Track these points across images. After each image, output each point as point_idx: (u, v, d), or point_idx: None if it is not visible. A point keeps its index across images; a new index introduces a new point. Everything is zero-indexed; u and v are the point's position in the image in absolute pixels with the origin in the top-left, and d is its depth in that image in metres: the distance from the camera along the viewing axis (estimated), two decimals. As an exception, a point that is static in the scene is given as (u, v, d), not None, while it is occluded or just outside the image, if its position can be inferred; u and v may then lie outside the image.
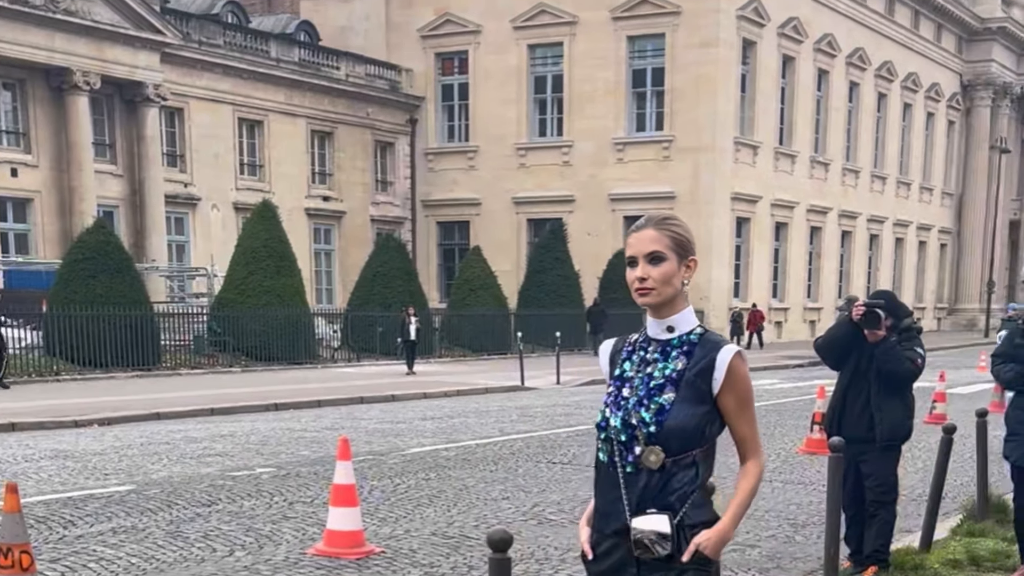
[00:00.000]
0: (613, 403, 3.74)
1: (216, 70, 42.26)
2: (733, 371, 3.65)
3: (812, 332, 54.11)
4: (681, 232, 3.72)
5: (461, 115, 51.84)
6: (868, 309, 8.15)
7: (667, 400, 3.64)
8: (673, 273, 3.68)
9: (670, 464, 3.63)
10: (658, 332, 3.76)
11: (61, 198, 37.17)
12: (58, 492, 11.90)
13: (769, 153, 50.59)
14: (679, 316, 3.74)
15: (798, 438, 16.70)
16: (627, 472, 3.67)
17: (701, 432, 3.65)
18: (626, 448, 3.67)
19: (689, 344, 3.71)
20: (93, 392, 23.97)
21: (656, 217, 3.77)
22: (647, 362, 3.75)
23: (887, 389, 8.28)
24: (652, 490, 3.64)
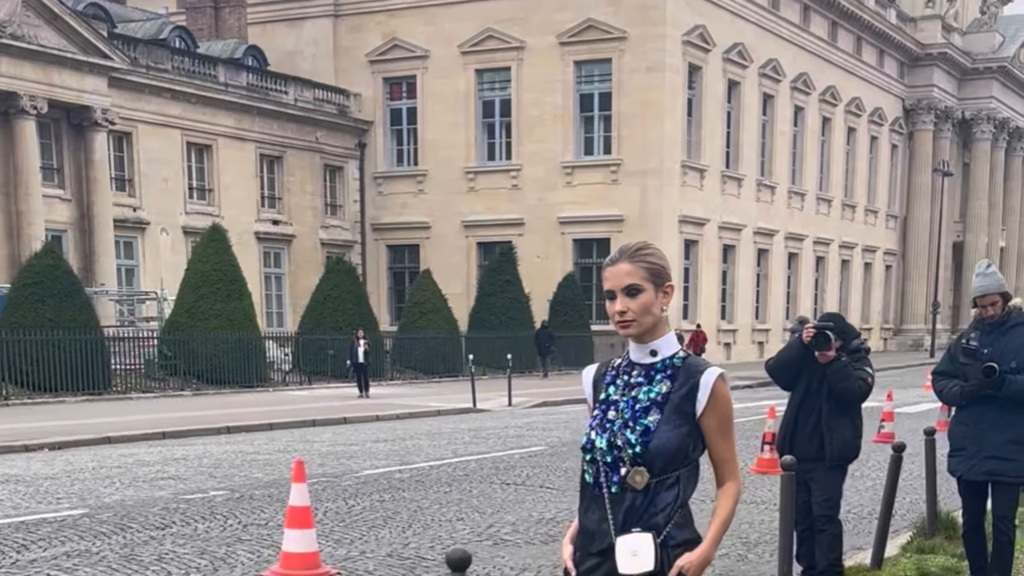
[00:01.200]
0: (599, 426, 3.82)
1: (164, 95, 42.11)
2: (716, 393, 3.76)
3: (761, 353, 54.50)
4: (655, 260, 3.82)
5: (410, 139, 51.92)
6: (818, 331, 8.33)
7: (652, 422, 3.73)
8: (651, 303, 3.78)
9: (654, 484, 3.71)
10: (641, 356, 3.85)
11: (8, 222, 36.86)
12: (10, 516, 11.83)
13: (716, 176, 51.04)
14: (661, 341, 3.84)
15: (749, 457, 16.79)
16: (612, 492, 3.75)
17: (685, 453, 3.73)
18: (612, 469, 3.75)
19: (673, 367, 3.81)
20: (43, 416, 23.77)
21: (629, 249, 3.84)
22: (631, 386, 3.84)
23: (838, 409, 8.44)
24: (637, 510, 3.71)
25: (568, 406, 28.89)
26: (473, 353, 34.31)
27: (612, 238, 47.53)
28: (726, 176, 51.91)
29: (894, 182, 70.37)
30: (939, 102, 70.24)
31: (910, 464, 11.91)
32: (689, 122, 49.08)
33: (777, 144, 56.03)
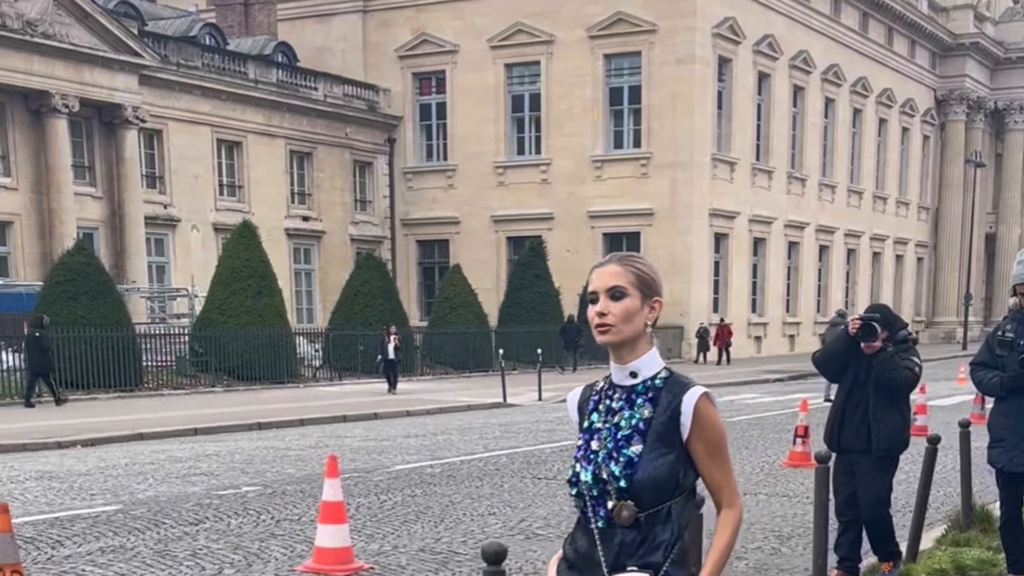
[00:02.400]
0: (583, 457, 3.54)
1: (195, 92, 42.27)
2: (700, 414, 3.44)
3: (791, 346, 54.42)
4: (646, 270, 3.55)
5: (439, 134, 51.95)
6: (864, 322, 8.32)
7: (635, 452, 3.42)
8: (635, 311, 3.48)
9: (644, 519, 3.41)
10: (622, 378, 3.56)
11: (41, 221, 37.12)
12: (45, 513, 11.91)
13: (746, 169, 50.84)
14: (642, 360, 3.53)
15: (781, 451, 16.80)
16: (600, 527, 3.46)
17: (675, 482, 3.42)
18: (598, 503, 3.46)
19: (654, 390, 3.50)
20: (75, 413, 23.92)
21: (621, 254, 3.60)
22: (613, 411, 3.54)
23: (886, 399, 8.44)
24: (630, 546, 3.43)
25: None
26: (503, 348, 34.23)
27: (642, 232, 47.55)
28: (756, 169, 51.70)
29: (925, 173, 69.95)
30: (971, 92, 69.75)
31: (943, 457, 11.84)
32: (719, 115, 48.91)
33: (808, 136, 55.76)
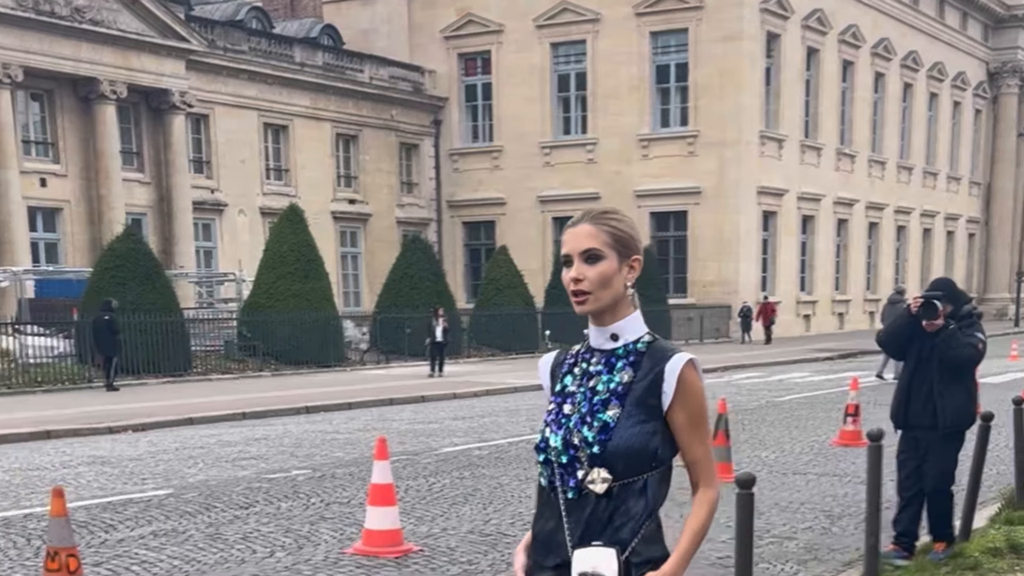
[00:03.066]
0: (553, 421, 3.31)
1: (241, 76, 42.44)
2: (684, 382, 3.22)
3: (840, 324, 54.06)
4: (622, 228, 3.29)
5: (485, 115, 51.89)
6: (926, 300, 8.30)
7: (611, 417, 3.20)
8: (612, 274, 3.24)
9: (617, 489, 3.18)
10: (601, 341, 3.32)
11: (90, 207, 37.41)
12: (97, 497, 12.00)
13: (795, 146, 50.42)
14: (623, 323, 3.31)
15: (831, 430, 16.68)
16: (569, 498, 3.22)
17: (652, 453, 3.19)
18: (568, 472, 3.22)
19: (636, 354, 3.27)
20: (125, 398, 24.14)
21: (594, 211, 3.33)
22: (590, 375, 3.31)
23: (950, 376, 8.47)
24: (598, 519, 3.19)
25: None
26: (549, 329, 34.23)
27: (689, 211, 47.34)
28: (805, 146, 51.26)
29: (977, 148, 69.09)
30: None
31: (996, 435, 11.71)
32: (767, 91, 48.50)
33: (857, 112, 55.19)
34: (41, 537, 9.69)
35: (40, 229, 36.98)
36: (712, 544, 9.42)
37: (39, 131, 37.14)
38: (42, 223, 37.07)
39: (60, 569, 6.75)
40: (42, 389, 26.05)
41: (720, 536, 9.59)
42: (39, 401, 23.81)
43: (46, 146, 37.10)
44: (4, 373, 26.66)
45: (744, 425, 17.74)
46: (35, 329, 29.15)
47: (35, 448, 16.65)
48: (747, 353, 37.96)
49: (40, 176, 36.32)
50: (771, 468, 13.52)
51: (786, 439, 16.31)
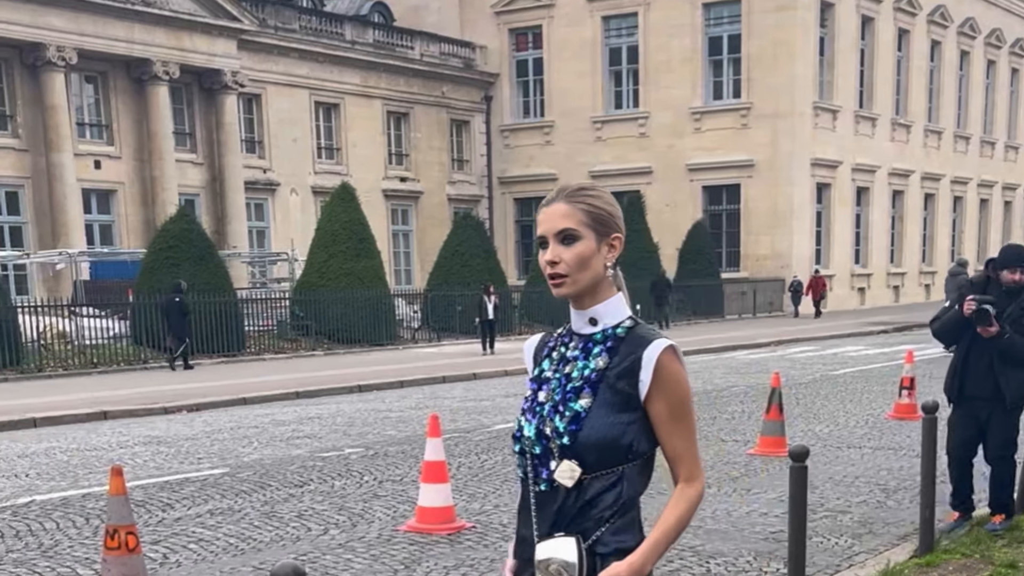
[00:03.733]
0: (529, 410, 3.13)
1: (292, 55, 42.58)
2: (663, 370, 3.00)
3: (896, 297, 53.59)
4: (599, 205, 3.09)
5: (536, 90, 51.76)
6: (979, 307, 8.15)
7: (583, 406, 3.01)
8: (591, 254, 3.04)
9: (588, 482, 3.00)
10: (581, 325, 3.13)
11: (143, 188, 37.74)
12: (154, 476, 12.12)
13: (849, 117, 49.90)
14: (603, 306, 3.10)
15: (886, 404, 16.55)
16: (540, 491, 3.05)
17: (627, 446, 3.00)
18: (541, 463, 3.05)
19: (614, 339, 3.07)
20: (180, 379, 24.34)
21: (569, 188, 3.12)
22: (566, 360, 3.12)
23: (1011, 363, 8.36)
24: (567, 513, 3.01)
25: (698, 356, 28.62)
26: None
27: (742, 184, 47.05)
28: (859, 116, 50.71)
29: (1036, 116, 68.05)
30: (1087, 29, 67.61)
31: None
32: (821, 61, 47.98)
33: (913, 81, 54.46)
34: (99, 516, 9.81)
35: (95, 211, 37.36)
36: (766, 519, 9.40)
37: (93, 113, 37.49)
38: (96, 205, 37.45)
39: (119, 547, 6.81)
40: (98, 370, 26.28)
41: (774, 510, 9.56)
42: (95, 382, 24.05)
43: (100, 128, 37.44)
44: (61, 355, 26.96)
45: (798, 399, 17.64)
46: (90, 311, 29.41)
47: (92, 428, 16.83)
48: (800, 327, 37.71)
49: (94, 158, 36.70)
50: (825, 442, 13.43)
51: (840, 412, 16.20)
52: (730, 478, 11.28)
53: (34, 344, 26.45)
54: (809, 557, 7.44)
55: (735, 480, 11.16)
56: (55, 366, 26.29)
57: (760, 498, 10.25)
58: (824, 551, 8.41)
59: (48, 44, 34.20)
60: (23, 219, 35.73)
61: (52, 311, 27.96)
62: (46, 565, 8.37)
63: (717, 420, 15.62)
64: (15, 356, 25.51)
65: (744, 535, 8.90)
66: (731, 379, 21.90)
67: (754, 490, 10.62)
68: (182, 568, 8.25)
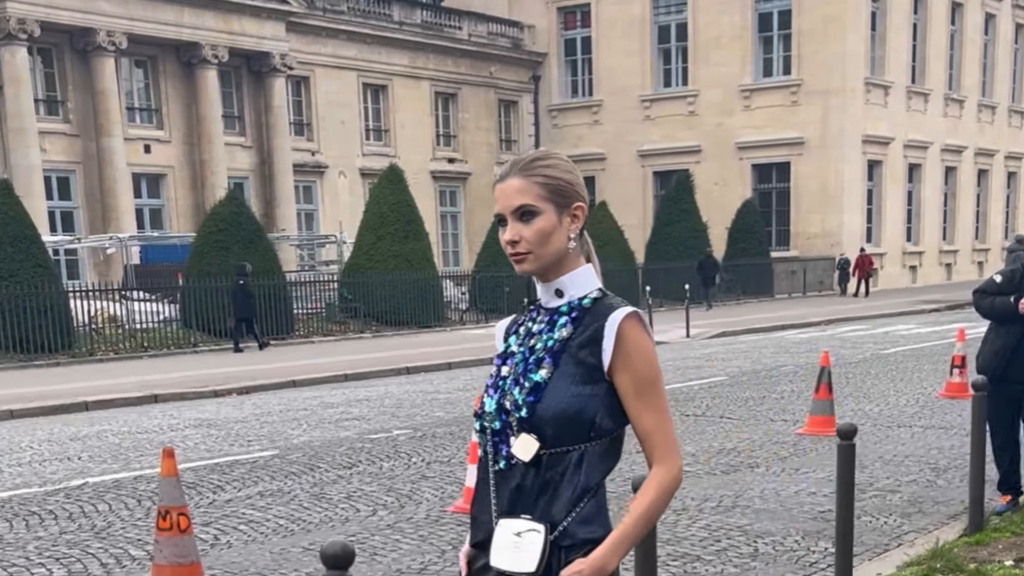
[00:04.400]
0: (492, 385, 2.98)
1: (341, 36, 42.67)
2: (625, 338, 2.82)
3: (948, 275, 53.03)
4: (556, 175, 2.92)
5: (584, 69, 51.59)
6: None
7: (543, 377, 2.85)
8: (551, 229, 2.88)
9: (547, 459, 2.82)
10: (548, 299, 2.98)
11: (193, 172, 37.99)
12: (204, 459, 12.21)
13: (901, 92, 49.35)
14: (569, 277, 2.94)
15: (937, 382, 16.42)
16: (499, 469, 2.89)
17: (589, 421, 2.82)
18: (501, 439, 2.89)
19: (579, 310, 2.91)
20: (230, 362, 24.48)
21: (523, 160, 2.95)
22: (532, 334, 2.98)
23: None
24: (527, 493, 2.84)
25: (748, 335, 28.56)
26: (650, 285, 33.97)
27: (792, 161, 46.73)
28: (911, 92, 50.13)
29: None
30: None
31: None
32: (872, 36, 47.45)
33: (966, 55, 53.69)
34: (151, 498, 9.91)
35: (144, 195, 37.67)
36: (814, 498, 9.36)
37: (143, 98, 37.77)
38: (146, 189, 37.75)
39: (171, 528, 6.86)
40: (148, 354, 26.48)
41: (822, 490, 9.51)
42: (145, 366, 24.21)
43: (150, 112, 37.71)
44: (112, 339, 27.18)
45: (848, 378, 17.52)
46: (141, 295, 29.64)
47: (143, 412, 16.99)
48: (851, 306, 37.45)
49: (144, 143, 36.98)
50: (875, 421, 13.34)
51: (891, 392, 16.07)
52: (778, 458, 11.23)
53: (85, 328, 26.64)
54: (857, 536, 7.41)
55: (783, 460, 11.11)
56: (106, 350, 26.46)
57: (809, 477, 10.20)
58: (873, 530, 8.37)
59: (98, 29, 34.46)
60: (74, 204, 36.08)
61: (103, 295, 28.16)
62: (99, 546, 8.46)
63: (766, 400, 15.55)
64: (67, 340, 25.73)
65: (792, 514, 8.87)
66: (780, 359, 21.79)
67: (803, 469, 10.58)
68: (233, 549, 8.31)
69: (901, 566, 7.13)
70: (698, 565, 7.54)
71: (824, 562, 7.45)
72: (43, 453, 13.06)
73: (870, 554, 7.73)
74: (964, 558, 7.17)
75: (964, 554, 7.28)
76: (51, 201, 34.99)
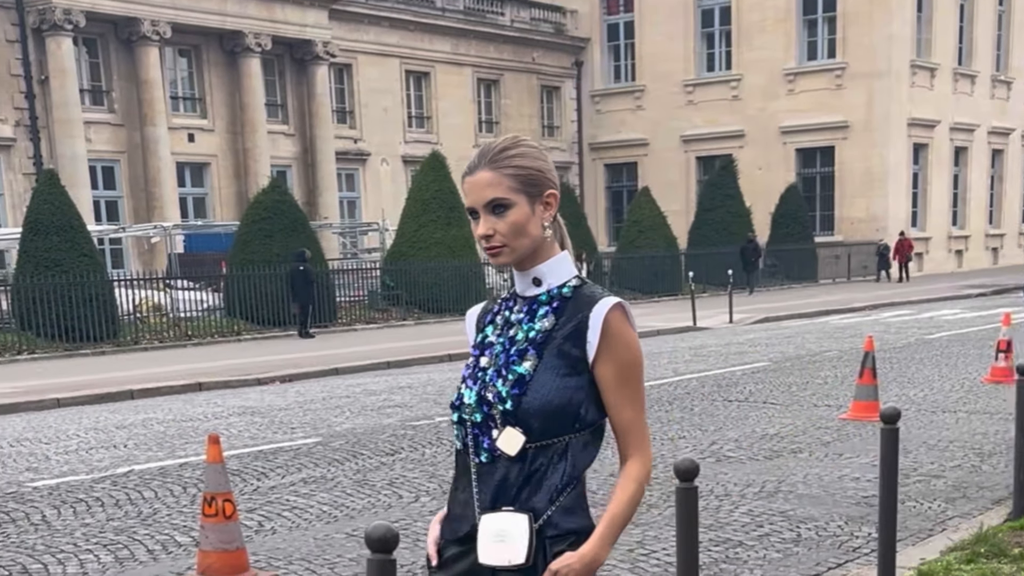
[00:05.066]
0: (470, 376, 2.94)
1: (383, 23, 42.73)
2: (611, 330, 2.82)
3: (994, 260, 52.55)
4: (526, 164, 2.89)
5: (627, 54, 51.45)
6: None
7: (527, 369, 2.83)
8: (526, 220, 2.84)
9: (533, 452, 2.81)
10: (525, 287, 2.95)
11: (236, 161, 38.17)
12: (248, 446, 12.28)
13: (947, 74, 48.89)
14: (546, 265, 2.91)
15: (982, 367, 16.28)
16: (481, 462, 2.86)
17: (574, 413, 2.82)
18: (481, 431, 2.86)
19: (560, 299, 2.89)
20: (273, 350, 24.48)
21: (491, 151, 2.92)
22: (510, 324, 2.95)
23: None
24: (510, 486, 2.83)
25: (791, 321, 28.41)
26: (692, 271, 33.88)
27: (836, 145, 46.45)
28: (958, 74, 49.64)
29: None
30: None
31: None
32: (919, 18, 47.04)
33: (1014, 36, 53.02)
34: (196, 485, 9.98)
35: (188, 184, 37.89)
36: (858, 483, 9.31)
37: (187, 87, 37.98)
38: (190, 178, 37.98)
39: (217, 514, 6.92)
40: (192, 342, 26.65)
41: (866, 475, 9.47)
42: (189, 354, 24.36)
43: (194, 101, 37.93)
44: (156, 327, 27.37)
45: (892, 364, 17.41)
46: (185, 283, 29.82)
47: (187, 400, 17.10)
48: (896, 291, 37.21)
49: (188, 132, 37.20)
50: (919, 406, 13.26)
51: (935, 377, 15.96)
52: (822, 443, 11.18)
53: (130, 317, 26.84)
54: (901, 522, 7.37)
55: (827, 445, 11.07)
56: (151, 339, 26.64)
57: (852, 463, 10.16)
58: (917, 515, 8.32)
59: (143, 19, 34.66)
60: (118, 193, 36.35)
61: (147, 284, 28.40)
62: (145, 533, 8.53)
63: (809, 385, 15.48)
64: (112, 329, 25.91)
65: (835, 500, 8.83)
66: (824, 344, 21.68)
67: (846, 455, 10.53)
68: (277, 535, 8.36)
69: (945, 551, 7.09)
70: (740, 550, 7.53)
71: (867, 547, 7.42)
72: (89, 441, 13.18)
73: (914, 539, 7.69)
74: (1008, 543, 7.13)
75: (1008, 539, 7.23)
76: (96, 191, 35.26)
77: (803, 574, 7.00)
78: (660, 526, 8.13)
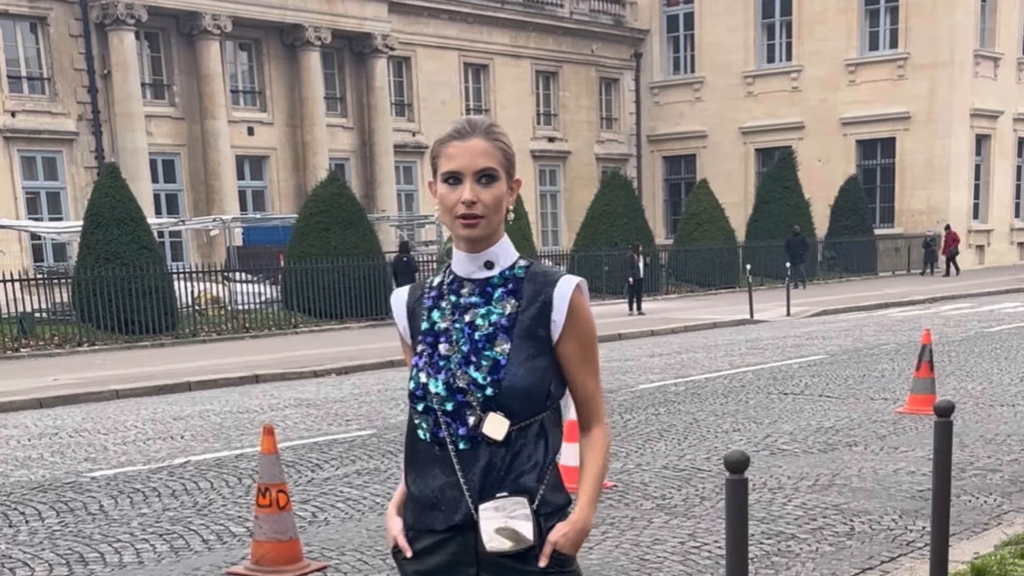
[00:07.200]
0: (429, 365, 2.93)
1: (442, 16, 42.80)
2: (575, 308, 2.91)
3: (1058, 252, 51.72)
4: (508, 144, 2.99)
5: (686, 46, 51.22)
6: None
7: (501, 353, 2.87)
8: (503, 197, 2.93)
9: (515, 434, 2.87)
10: (472, 270, 2.98)
11: (295, 154, 38.39)
12: (304, 438, 12.35)
13: (1012, 64, 48.21)
14: (499, 247, 2.99)
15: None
16: (461, 449, 2.88)
17: (546, 391, 2.90)
18: (455, 419, 2.89)
19: (514, 280, 2.96)
20: (329, 343, 24.58)
21: (482, 124, 2.95)
22: (463, 308, 2.96)
23: None
24: (498, 470, 2.87)
25: (849, 314, 28.18)
26: (750, 263, 33.67)
27: (897, 137, 46.00)
28: (1023, 63, 48.95)
29: None
30: None
31: None
32: (983, 7, 46.44)
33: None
34: (251, 476, 10.05)
35: (247, 177, 38.16)
36: (913, 477, 9.23)
37: (247, 80, 38.25)
38: (249, 171, 38.24)
39: (271, 504, 6.97)
40: (250, 335, 26.82)
41: (921, 469, 9.38)
42: (247, 346, 24.52)
43: (253, 95, 38.19)
44: (214, 320, 27.61)
45: (950, 357, 17.23)
46: (243, 276, 30.03)
47: (244, 392, 17.20)
48: (955, 284, 36.76)
49: (248, 125, 37.46)
50: (977, 400, 13.11)
51: (994, 370, 15.77)
52: (877, 436, 11.09)
53: (189, 309, 27.10)
54: (956, 515, 7.31)
55: (882, 438, 10.97)
56: (209, 331, 26.83)
57: (908, 456, 10.06)
58: (972, 509, 8.23)
59: (204, 13, 34.94)
60: (179, 186, 36.69)
61: (206, 277, 28.60)
62: (200, 523, 8.62)
63: (866, 378, 15.35)
64: (171, 321, 26.15)
65: (890, 493, 8.76)
66: (882, 337, 21.48)
67: (902, 448, 10.43)
68: (330, 526, 8.41)
69: (999, 545, 7.01)
70: (792, 543, 7.49)
71: (921, 541, 7.36)
72: (147, 432, 13.33)
73: (968, 533, 7.61)
74: (1064, 538, 7.04)
75: (1064, 534, 7.14)
76: (156, 184, 35.59)
77: (856, 567, 6.95)
78: (712, 519, 8.10)
